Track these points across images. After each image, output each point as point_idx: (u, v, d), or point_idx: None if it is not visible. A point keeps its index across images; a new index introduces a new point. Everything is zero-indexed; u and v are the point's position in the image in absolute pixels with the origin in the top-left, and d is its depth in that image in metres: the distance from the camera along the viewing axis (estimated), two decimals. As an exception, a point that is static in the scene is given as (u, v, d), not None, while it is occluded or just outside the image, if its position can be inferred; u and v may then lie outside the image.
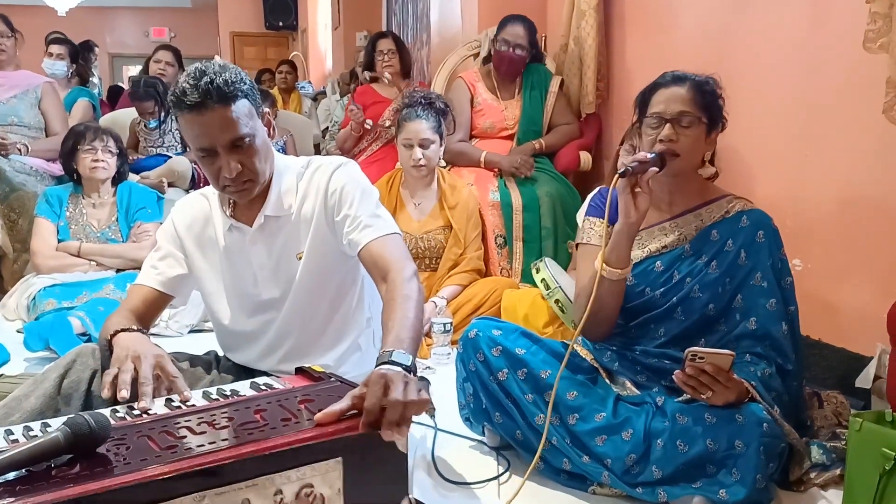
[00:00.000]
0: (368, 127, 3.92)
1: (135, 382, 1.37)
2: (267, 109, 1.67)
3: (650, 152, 1.73)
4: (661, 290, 1.81)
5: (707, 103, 1.77)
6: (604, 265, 1.75)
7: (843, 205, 2.27)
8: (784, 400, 1.69)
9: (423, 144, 2.95)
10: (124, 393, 1.33)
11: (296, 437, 1.12)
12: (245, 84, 1.55)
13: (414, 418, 1.18)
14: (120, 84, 6.53)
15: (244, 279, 1.72)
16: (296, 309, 1.71)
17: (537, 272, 2.74)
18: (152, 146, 4.15)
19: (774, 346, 1.73)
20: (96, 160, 3.16)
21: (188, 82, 1.50)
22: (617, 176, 1.67)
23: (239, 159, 1.55)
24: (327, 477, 1.13)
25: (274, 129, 1.68)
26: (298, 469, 1.10)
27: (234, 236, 1.70)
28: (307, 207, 1.68)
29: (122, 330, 1.53)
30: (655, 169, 1.71)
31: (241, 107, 1.53)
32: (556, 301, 2.62)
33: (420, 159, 2.94)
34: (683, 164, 1.77)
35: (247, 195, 1.63)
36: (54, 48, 4.62)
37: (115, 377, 1.38)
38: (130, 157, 3.76)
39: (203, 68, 1.52)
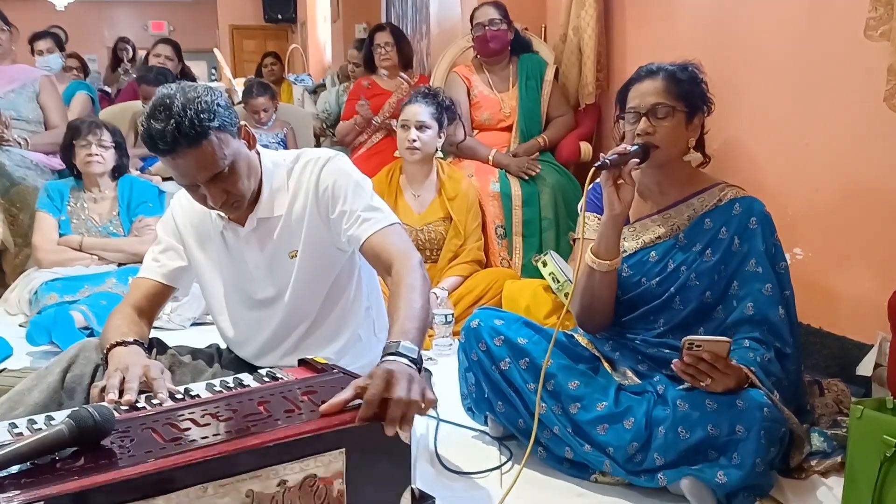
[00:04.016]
0: (376, 123, 3.93)
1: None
2: (244, 123, 1.59)
3: (632, 144, 1.75)
4: (657, 279, 1.82)
5: (683, 91, 1.77)
6: (593, 257, 1.76)
7: (843, 193, 2.27)
8: (784, 384, 1.70)
9: (419, 127, 2.95)
10: (112, 395, 1.31)
11: (299, 429, 1.13)
12: (214, 114, 1.46)
13: None
14: (105, 89, 6.44)
15: (241, 277, 1.72)
16: (294, 306, 1.71)
17: (544, 266, 2.73)
18: None
19: (772, 331, 1.73)
20: (90, 154, 3.16)
21: (155, 126, 1.43)
22: (594, 169, 1.69)
23: (222, 188, 1.53)
24: (330, 467, 1.13)
25: (254, 139, 1.63)
26: (302, 460, 1.11)
27: (230, 235, 1.70)
28: (298, 205, 1.67)
29: (119, 343, 1.50)
30: (636, 160, 1.72)
31: (214, 141, 1.46)
32: (566, 295, 2.60)
33: (415, 140, 2.94)
34: (665, 154, 1.77)
35: (236, 211, 1.62)
36: (40, 44, 4.57)
37: (104, 389, 1.35)
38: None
39: (168, 103, 1.43)
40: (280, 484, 1.09)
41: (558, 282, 2.63)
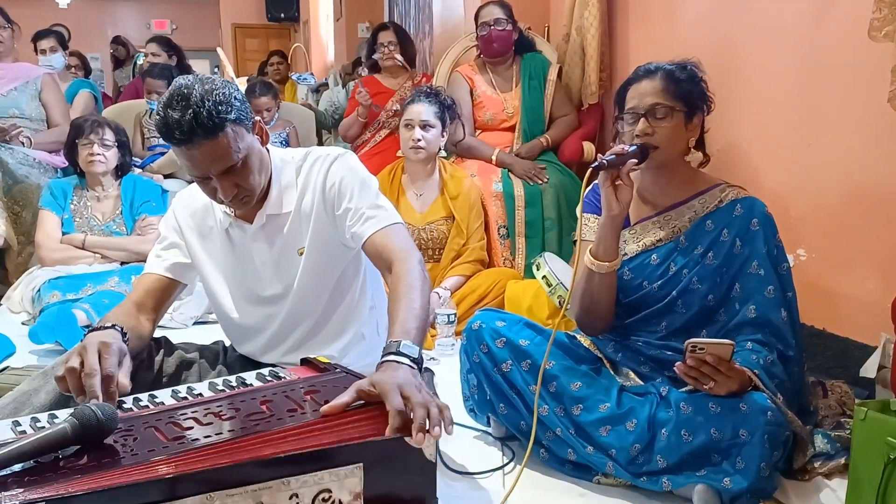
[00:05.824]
0: (377, 110, 3.91)
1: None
2: (258, 119, 1.61)
3: (630, 144, 1.74)
4: (659, 282, 1.81)
5: (682, 91, 1.76)
6: (592, 259, 1.75)
7: (846, 194, 2.26)
8: (786, 387, 1.69)
9: (423, 126, 2.95)
10: (81, 398, 1.29)
11: (314, 441, 1.10)
12: (231, 106, 1.47)
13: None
14: (107, 93, 6.41)
15: (247, 274, 1.72)
16: (299, 303, 1.71)
17: (538, 269, 2.72)
18: (155, 136, 4.16)
19: (774, 333, 1.72)
20: (92, 154, 3.17)
21: (172, 115, 1.43)
22: (591, 169, 1.68)
23: (234, 181, 1.53)
24: (346, 483, 1.10)
25: (267, 135, 1.64)
26: (316, 473, 1.08)
27: (236, 232, 1.70)
28: (306, 202, 1.68)
29: (97, 328, 1.47)
30: (634, 161, 1.71)
31: (229, 133, 1.47)
32: (559, 297, 2.60)
33: (419, 140, 2.94)
34: (665, 155, 1.76)
35: (244, 207, 1.63)
36: (43, 43, 4.55)
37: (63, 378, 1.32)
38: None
39: (186, 93, 1.43)
40: (292, 497, 1.07)
41: (550, 285, 2.62)
